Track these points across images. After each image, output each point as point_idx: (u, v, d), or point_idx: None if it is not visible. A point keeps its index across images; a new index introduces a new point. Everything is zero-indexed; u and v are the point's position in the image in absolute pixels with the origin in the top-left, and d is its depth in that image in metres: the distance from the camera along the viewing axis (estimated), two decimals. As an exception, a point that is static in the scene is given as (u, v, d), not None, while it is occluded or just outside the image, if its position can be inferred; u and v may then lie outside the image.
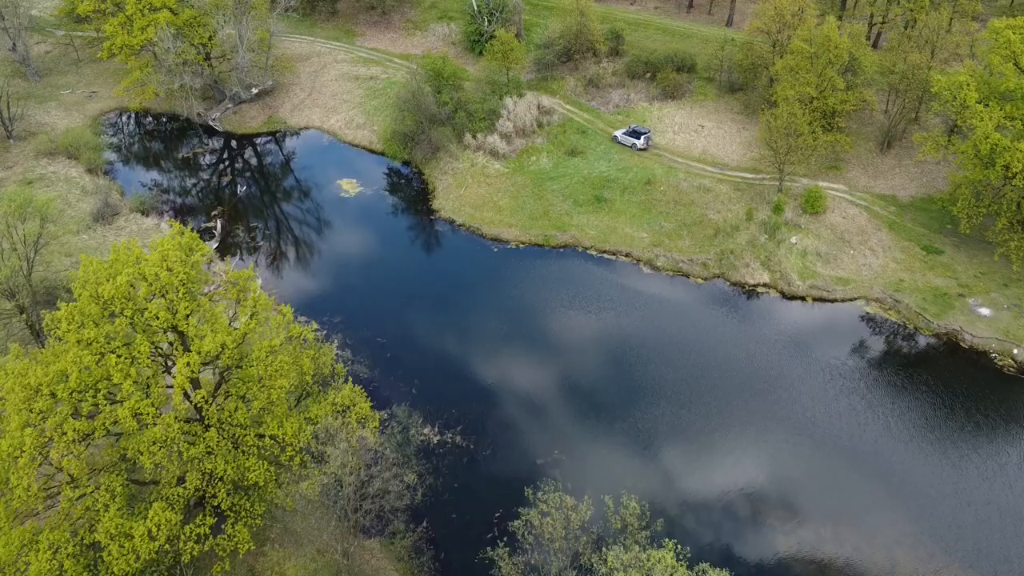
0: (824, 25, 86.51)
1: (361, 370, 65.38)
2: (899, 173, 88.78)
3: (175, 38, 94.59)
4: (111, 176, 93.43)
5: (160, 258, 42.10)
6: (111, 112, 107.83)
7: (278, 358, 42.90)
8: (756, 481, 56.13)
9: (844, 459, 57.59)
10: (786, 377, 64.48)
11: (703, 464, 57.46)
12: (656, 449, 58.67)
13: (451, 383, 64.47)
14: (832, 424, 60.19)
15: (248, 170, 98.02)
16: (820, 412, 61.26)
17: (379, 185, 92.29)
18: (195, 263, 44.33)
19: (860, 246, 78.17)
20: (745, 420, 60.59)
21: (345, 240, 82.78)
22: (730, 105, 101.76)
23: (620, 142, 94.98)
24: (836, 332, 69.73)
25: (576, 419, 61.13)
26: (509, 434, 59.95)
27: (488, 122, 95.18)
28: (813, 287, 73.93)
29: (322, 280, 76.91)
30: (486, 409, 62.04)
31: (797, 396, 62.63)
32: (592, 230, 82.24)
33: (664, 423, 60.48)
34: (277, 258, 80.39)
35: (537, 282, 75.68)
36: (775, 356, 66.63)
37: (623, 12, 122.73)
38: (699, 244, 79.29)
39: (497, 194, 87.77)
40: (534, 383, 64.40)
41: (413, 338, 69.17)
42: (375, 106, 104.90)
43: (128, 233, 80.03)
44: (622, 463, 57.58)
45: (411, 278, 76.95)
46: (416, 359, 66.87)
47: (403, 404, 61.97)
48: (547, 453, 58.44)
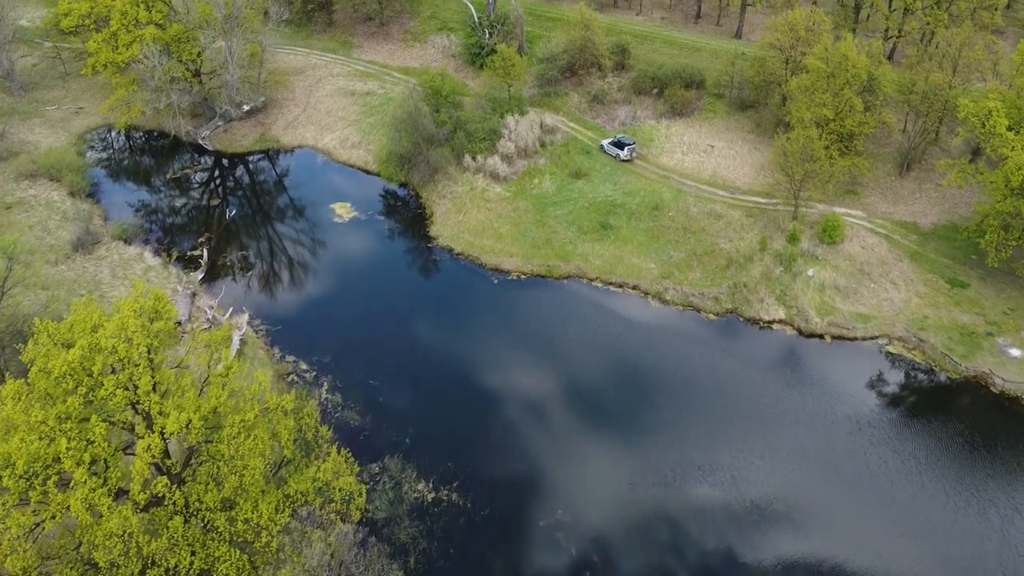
0: (841, 43, 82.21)
1: (352, 416, 61.38)
2: (920, 198, 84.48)
3: (163, 54, 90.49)
4: (95, 199, 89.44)
5: (118, 328, 37.87)
6: (98, 129, 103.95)
7: (252, 435, 38.73)
8: (784, 545, 51.90)
9: (878, 519, 53.32)
10: (808, 427, 60.24)
11: (722, 528, 53.22)
12: (668, 509, 54.47)
13: (448, 432, 60.37)
14: (861, 480, 55.92)
15: (239, 190, 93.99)
16: (847, 467, 57.02)
17: (374, 209, 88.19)
18: (159, 332, 39.84)
19: (881, 279, 73.90)
20: (767, 476, 56.36)
21: (338, 270, 78.68)
22: (741, 123, 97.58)
23: (606, 151, 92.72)
24: (858, 375, 65.50)
25: (581, 473, 56.98)
26: (509, 490, 55.80)
27: (489, 143, 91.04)
28: (832, 324, 69.67)
29: (313, 313, 72.81)
30: (484, 461, 57.93)
31: (821, 449, 58.40)
32: (597, 260, 78.05)
33: (677, 478, 56.30)
34: (266, 289, 76.29)
35: (540, 318, 71.57)
36: (795, 403, 62.41)
37: (629, 24, 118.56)
38: (710, 276, 75.07)
39: (498, 220, 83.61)
40: (536, 432, 60.29)
41: (408, 380, 65.08)
42: (371, 124, 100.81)
43: (109, 264, 76.02)
44: (632, 523, 53.41)
45: (407, 312, 72.84)
46: (411, 403, 62.78)
47: (396, 456, 58.16)
48: (550, 512, 54.30)
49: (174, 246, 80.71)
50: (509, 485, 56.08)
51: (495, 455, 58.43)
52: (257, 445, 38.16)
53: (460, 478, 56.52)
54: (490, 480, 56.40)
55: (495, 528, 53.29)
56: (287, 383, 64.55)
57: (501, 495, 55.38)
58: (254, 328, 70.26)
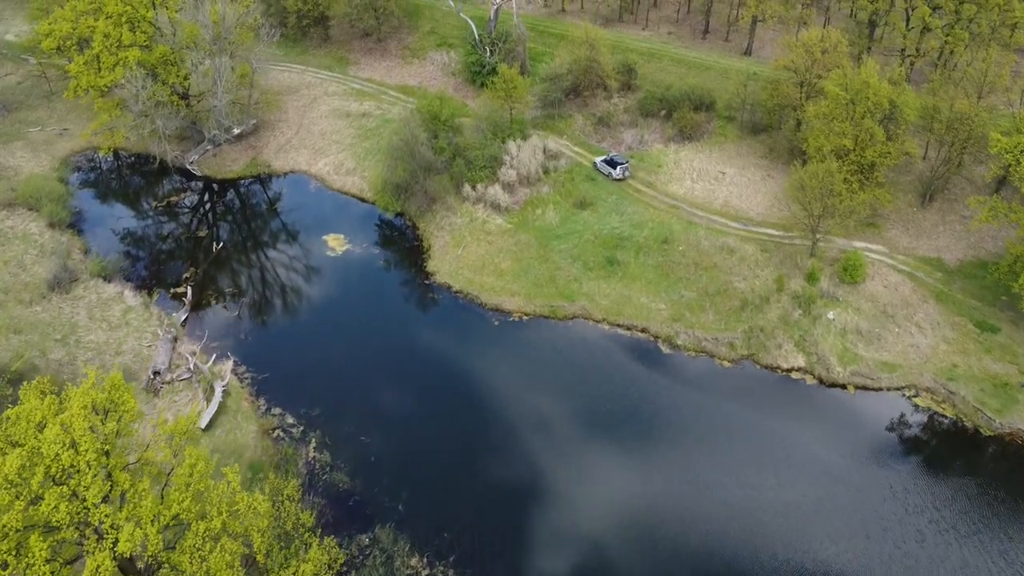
0: (862, 68, 77.84)
1: (340, 479, 57.01)
2: (943, 231, 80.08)
3: (148, 77, 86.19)
4: (76, 229, 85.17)
5: (57, 436, 32.94)
6: (83, 152, 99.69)
7: (219, 546, 34.33)
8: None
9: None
10: (836, 495, 55.76)
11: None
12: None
13: (445, 496, 55.98)
14: (895, 559, 51.52)
15: (228, 219, 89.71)
16: (880, 540, 52.59)
17: (369, 241, 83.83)
18: (110, 434, 34.92)
19: (906, 322, 69.48)
20: (790, 554, 51.94)
21: (329, 310, 74.29)
22: (753, 148, 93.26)
23: (599, 170, 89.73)
24: (886, 431, 61.15)
25: (591, 546, 52.58)
26: (510, 567, 51.38)
27: (489, 170, 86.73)
28: (856, 374, 65.26)
29: (302, 358, 68.42)
30: (485, 530, 53.53)
31: (849, 523, 53.96)
32: (604, 300, 73.70)
33: (692, 550, 51.88)
34: (253, 331, 71.89)
35: (543, 365, 67.20)
36: (818, 466, 57.98)
37: (635, 40, 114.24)
38: (724, 319, 70.68)
39: (499, 255, 79.27)
40: (540, 497, 55.88)
41: (402, 435, 60.76)
42: (367, 149, 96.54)
43: (86, 304, 71.74)
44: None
45: (402, 357, 68.51)
46: (405, 463, 58.42)
47: (388, 525, 53.81)
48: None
49: (156, 284, 76.40)
50: (511, 559, 51.70)
51: (496, 523, 54.06)
52: (224, 557, 33.80)
53: (458, 551, 52.17)
54: (491, 553, 52.04)
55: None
56: (272, 439, 60.25)
57: (503, 572, 50.99)
58: (238, 376, 65.93)
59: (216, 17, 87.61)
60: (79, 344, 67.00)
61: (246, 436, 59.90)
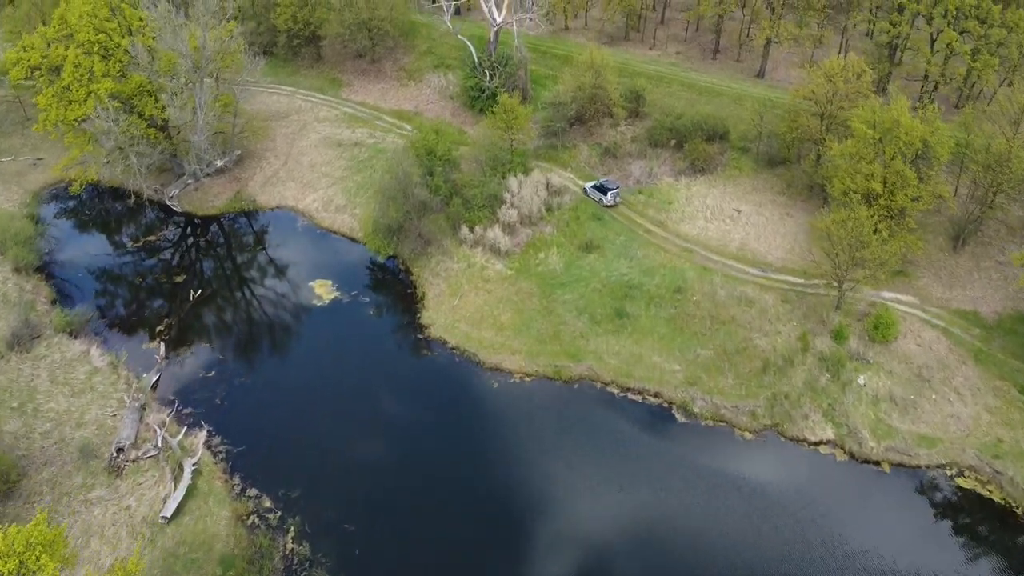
0: (892, 105, 71.88)
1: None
2: (978, 279, 74.12)
3: (122, 110, 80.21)
4: (45, 272, 79.36)
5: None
6: (57, 185, 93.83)
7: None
8: None
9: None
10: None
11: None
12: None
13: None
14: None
15: (208, 261, 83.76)
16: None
17: (359, 288, 77.87)
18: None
19: (943, 387, 63.56)
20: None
21: (313, 369, 68.28)
22: (770, 183, 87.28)
23: (589, 196, 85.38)
24: (925, 517, 55.24)
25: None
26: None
27: (488, 210, 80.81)
28: (891, 449, 59.35)
29: (282, 428, 62.43)
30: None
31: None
32: (613, 359, 67.75)
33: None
34: (230, 395, 65.72)
35: (547, 436, 61.30)
36: (856, 558, 52.02)
37: (642, 62, 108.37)
38: (744, 383, 64.71)
39: (498, 306, 73.35)
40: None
41: (391, 522, 54.85)
42: (358, 183, 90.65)
43: (48, 365, 65.89)
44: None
45: (393, 427, 62.63)
46: (394, 558, 52.50)
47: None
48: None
49: (128, 338, 70.61)
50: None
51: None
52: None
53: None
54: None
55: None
56: (247, 527, 54.35)
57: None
58: (212, 449, 60.04)
59: (195, 44, 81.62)
60: (38, 413, 61.14)
61: (217, 524, 54.02)
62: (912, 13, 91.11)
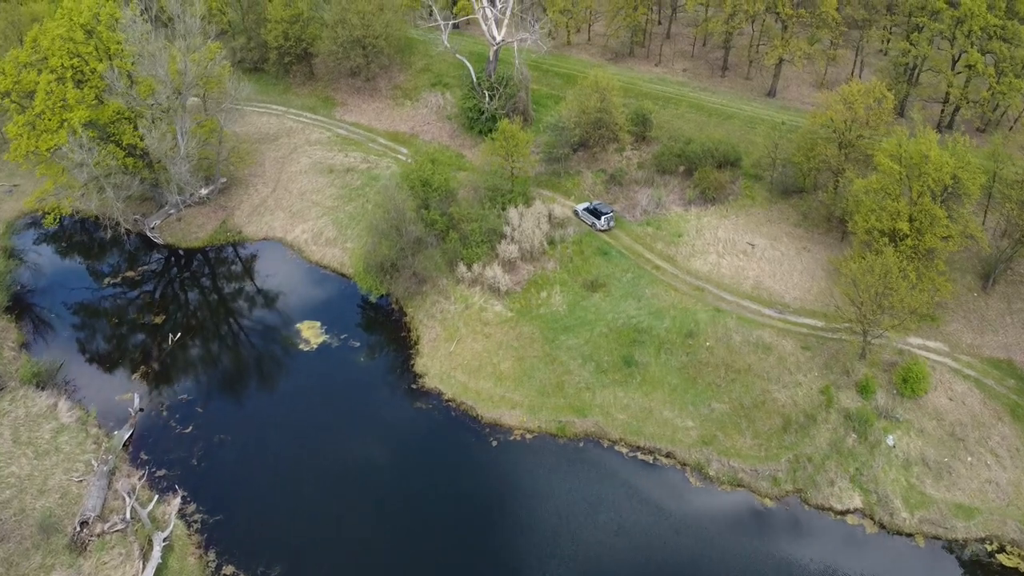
0: (920, 138, 67.03)
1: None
2: (1011, 323, 69.32)
3: (97, 140, 75.36)
4: (14, 313, 74.56)
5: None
6: (32, 214, 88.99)
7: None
8: None
9: None
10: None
11: None
12: None
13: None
14: None
15: (189, 299, 78.88)
16: None
17: (349, 330, 72.98)
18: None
19: (979, 448, 58.76)
20: None
21: (297, 425, 63.27)
22: (785, 214, 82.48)
23: (581, 219, 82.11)
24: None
25: None
26: None
27: (487, 246, 75.96)
28: (924, 520, 54.56)
29: (263, 493, 57.57)
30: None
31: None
32: (621, 413, 62.93)
33: None
34: (207, 455, 60.72)
35: (549, 502, 56.43)
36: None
37: (648, 81, 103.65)
38: (764, 444, 59.88)
39: (498, 353, 68.51)
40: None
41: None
42: (350, 213, 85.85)
43: (12, 422, 61.03)
44: None
45: (383, 491, 57.76)
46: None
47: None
48: None
49: (99, 389, 65.76)
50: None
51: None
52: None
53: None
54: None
55: None
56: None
57: None
58: (187, 519, 55.19)
59: (176, 70, 76.78)
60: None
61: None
62: (932, 32, 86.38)
